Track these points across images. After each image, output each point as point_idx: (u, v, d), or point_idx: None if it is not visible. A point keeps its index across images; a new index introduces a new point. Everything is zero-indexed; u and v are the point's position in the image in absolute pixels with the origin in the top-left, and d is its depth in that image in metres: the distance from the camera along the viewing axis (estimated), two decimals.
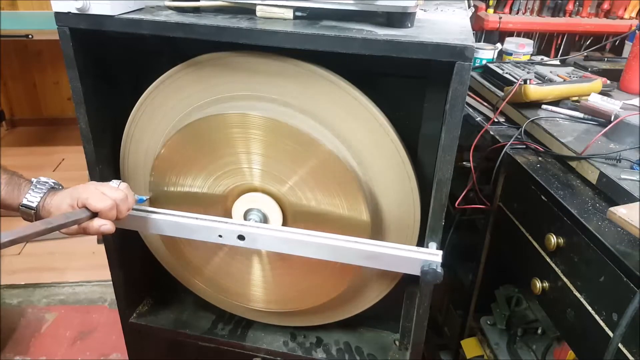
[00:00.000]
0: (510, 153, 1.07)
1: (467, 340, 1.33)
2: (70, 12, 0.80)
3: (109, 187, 0.83)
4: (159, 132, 0.96)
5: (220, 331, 1.18)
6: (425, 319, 0.95)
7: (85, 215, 0.78)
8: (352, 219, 0.90)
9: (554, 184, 0.94)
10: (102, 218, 0.80)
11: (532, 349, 1.19)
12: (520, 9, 1.65)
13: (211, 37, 0.78)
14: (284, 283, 1.05)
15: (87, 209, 0.79)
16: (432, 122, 0.90)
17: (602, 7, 1.65)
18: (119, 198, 0.81)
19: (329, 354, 1.13)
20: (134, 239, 1.10)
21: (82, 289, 2.17)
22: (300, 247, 0.86)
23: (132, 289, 1.17)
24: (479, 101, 1.34)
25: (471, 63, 0.72)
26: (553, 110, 1.16)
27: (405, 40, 0.73)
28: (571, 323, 0.86)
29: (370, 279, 1.04)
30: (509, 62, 1.44)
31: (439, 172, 0.81)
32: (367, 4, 0.77)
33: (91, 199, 0.78)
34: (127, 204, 0.83)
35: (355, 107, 0.86)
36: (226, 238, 0.87)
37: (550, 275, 0.91)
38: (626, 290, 0.72)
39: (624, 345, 0.73)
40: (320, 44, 0.75)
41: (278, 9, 0.81)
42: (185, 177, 0.96)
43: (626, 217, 0.72)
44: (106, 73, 0.94)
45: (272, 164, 0.90)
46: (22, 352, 1.85)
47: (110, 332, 1.94)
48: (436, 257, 0.82)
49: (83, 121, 0.91)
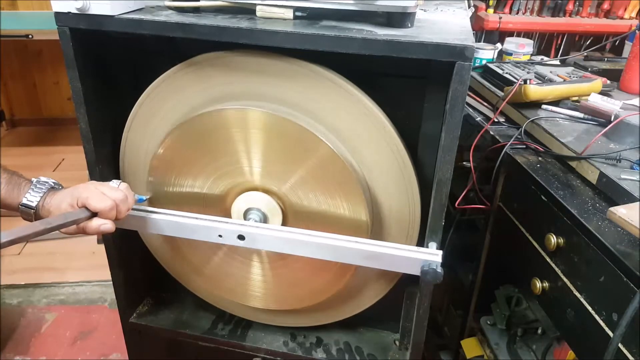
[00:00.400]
0: (510, 153, 1.07)
1: (467, 340, 1.33)
2: (70, 12, 0.80)
3: (109, 187, 0.83)
4: (159, 132, 0.96)
5: (220, 331, 1.18)
6: (425, 319, 0.95)
7: (85, 215, 0.78)
8: (352, 219, 0.90)
9: (554, 184, 0.94)
10: (101, 218, 0.79)
11: (532, 349, 1.19)
12: (520, 9, 1.65)
13: (211, 37, 0.78)
14: (284, 282, 1.05)
15: (87, 208, 0.79)
16: (432, 122, 0.90)
17: (602, 7, 1.65)
18: (119, 198, 0.81)
19: (329, 354, 1.13)
20: (134, 239, 1.10)
21: (82, 289, 2.17)
22: (300, 247, 0.86)
23: (132, 289, 1.17)
24: (479, 101, 1.34)
25: (471, 63, 0.72)
26: (553, 110, 1.16)
27: (405, 40, 0.73)
28: (571, 323, 0.86)
29: (369, 278, 1.04)
30: (509, 62, 1.44)
31: (439, 172, 0.81)
32: (367, 4, 0.77)
33: (91, 199, 0.78)
34: (127, 204, 0.83)
35: (355, 107, 0.86)
36: (226, 238, 0.87)
37: (550, 275, 0.91)
38: (626, 290, 0.72)
39: (624, 345, 0.73)
40: (320, 44, 0.75)
41: (278, 9, 0.81)
42: (184, 177, 0.96)
43: (626, 217, 0.72)
44: (106, 73, 0.94)
45: (272, 164, 0.90)
46: (22, 352, 1.85)
47: (110, 332, 1.94)
48: (436, 257, 0.82)
49: (83, 121, 0.91)
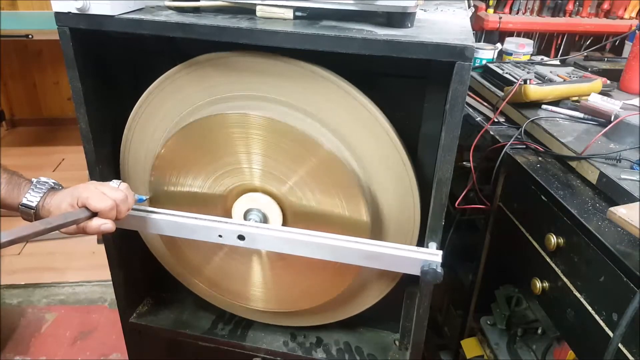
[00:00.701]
0: (510, 153, 1.07)
1: (467, 340, 1.33)
2: (70, 12, 0.80)
3: (109, 187, 0.83)
4: (159, 132, 0.96)
5: (220, 331, 1.18)
6: (425, 319, 0.95)
7: (85, 215, 0.78)
8: (352, 219, 0.90)
9: (554, 184, 0.94)
10: (102, 218, 0.79)
11: (532, 349, 1.19)
12: (520, 9, 1.65)
13: (211, 37, 0.78)
14: (284, 283, 1.05)
15: (87, 208, 0.78)
16: (432, 122, 0.90)
17: (602, 7, 1.65)
18: (119, 198, 0.81)
19: (329, 354, 1.13)
20: (134, 239, 1.10)
21: (82, 289, 2.17)
22: (300, 247, 0.86)
23: (132, 289, 1.17)
24: (479, 101, 1.34)
25: (471, 63, 0.72)
26: (553, 110, 1.16)
27: (405, 40, 0.73)
28: (571, 323, 0.86)
29: (370, 279, 1.04)
30: (509, 62, 1.44)
31: (439, 172, 0.81)
32: (367, 4, 0.77)
33: (91, 199, 0.78)
34: (127, 204, 0.83)
35: (355, 107, 0.86)
36: (226, 238, 0.87)
37: (550, 275, 0.91)
38: (626, 290, 0.72)
39: (624, 345, 0.73)
40: (320, 44, 0.75)
41: (278, 9, 0.81)
42: (185, 177, 0.96)
43: (626, 217, 0.72)
44: (106, 73, 0.94)
45: (272, 164, 0.90)
46: (22, 352, 1.85)
47: (110, 332, 1.94)
48: (436, 257, 0.82)
49: (83, 121, 0.91)
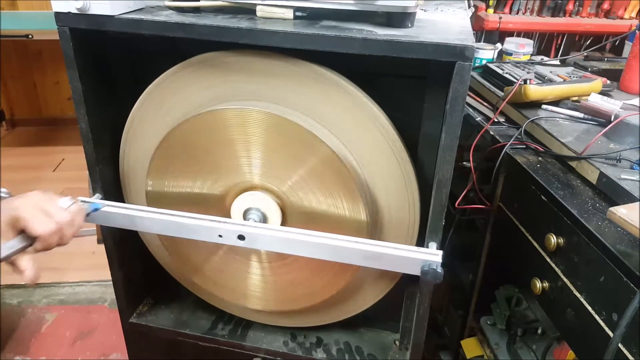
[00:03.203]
0: (510, 153, 1.07)
1: (467, 340, 1.33)
2: (70, 12, 0.80)
3: (56, 206, 0.70)
4: (159, 132, 0.96)
5: (220, 331, 1.18)
6: (425, 319, 0.95)
7: (22, 245, 0.66)
8: (352, 219, 0.90)
9: (554, 184, 0.94)
10: (41, 244, 0.68)
11: (532, 349, 1.19)
12: (520, 9, 1.65)
13: (211, 37, 0.78)
14: (284, 282, 1.05)
15: (25, 233, 0.66)
16: (432, 122, 0.90)
17: (602, 7, 1.65)
18: (64, 221, 0.69)
19: (329, 354, 1.13)
20: (134, 239, 1.10)
21: (82, 289, 2.17)
22: (300, 247, 0.86)
23: (132, 289, 1.17)
24: (479, 101, 1.34)
25: (471, 63, 0.72)
26: (553, 110, 1.16)
27: (405, 40, 0.73)
28: (571, 323, 0.86)
29: (370, 278, 1.04)
30: (509, 62, 1.44)
31: (439, 172, 0.81)
32: (367, 4, 0.77)
33: (32, 222, 0.66)
34: (73, 227, 0.72)
35: (355, 107, 0.86)
36: (226, 238, 0.87)
37: (550, 275, 0.91)
38: (626, 290, 0.72)
39: (624, 345, 0.73)
40: (320, 44, 0.75)
41: (278, 9, 0.81)
42: (184, 177, 0.96)
43: (626, 217, 0.72)
44: (106, 73, 0.94)
45: (271, 163, 0.90)
46: (22, 352, 1.85)
47: (110, 332, 1.94)
48: (436, 257, 0.82)
49: (83, 121, 0.91)
